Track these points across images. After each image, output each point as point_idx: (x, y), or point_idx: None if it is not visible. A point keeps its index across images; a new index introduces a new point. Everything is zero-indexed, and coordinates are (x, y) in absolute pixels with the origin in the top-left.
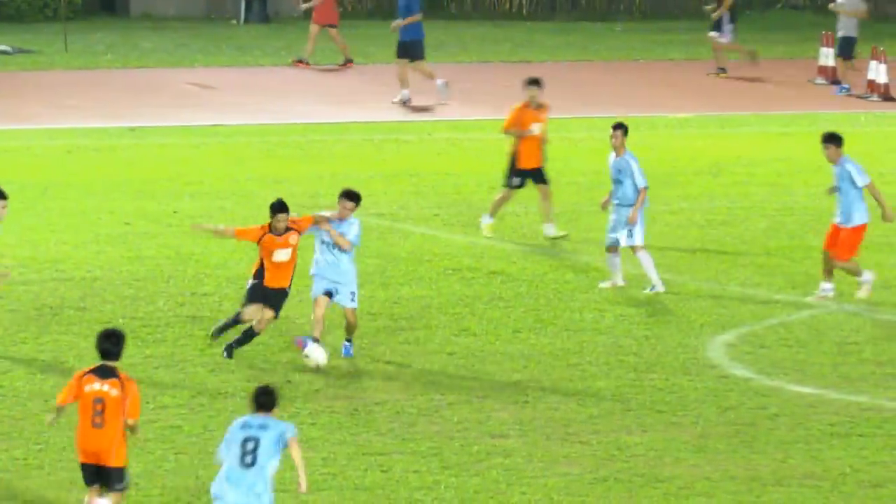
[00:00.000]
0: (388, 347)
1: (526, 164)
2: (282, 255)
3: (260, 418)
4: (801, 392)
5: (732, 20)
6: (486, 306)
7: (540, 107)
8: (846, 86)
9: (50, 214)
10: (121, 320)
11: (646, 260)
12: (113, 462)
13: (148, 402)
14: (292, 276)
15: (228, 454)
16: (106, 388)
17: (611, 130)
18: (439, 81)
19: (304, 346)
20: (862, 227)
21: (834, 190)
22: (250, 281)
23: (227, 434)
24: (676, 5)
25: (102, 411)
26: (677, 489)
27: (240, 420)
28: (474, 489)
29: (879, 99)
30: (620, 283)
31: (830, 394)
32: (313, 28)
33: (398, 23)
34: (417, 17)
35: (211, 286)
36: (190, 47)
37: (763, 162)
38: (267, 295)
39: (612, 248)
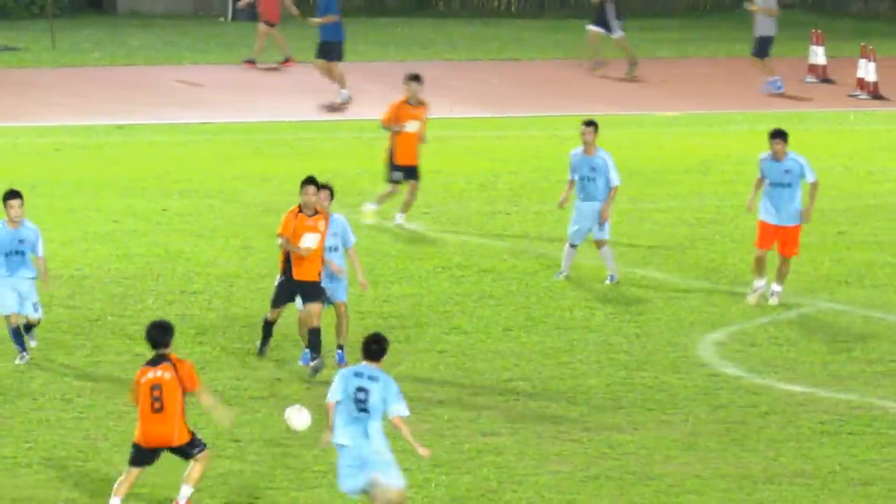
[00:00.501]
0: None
1: (402, 160)
2: (309, 241)
3: (370, 369)
4: (792, 390)
5: (619, 16)
6: (476, 304)
7: (419, 104)
8: (777, 80)
9: (38, 212)
10: (109, 318)
11: (609, 254)
12: (177, 441)
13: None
14: (322, 270)
15: (344, 402)
16: (160, 373)
17: (582, 127)
18: (344, 91)
19: (315, 370)
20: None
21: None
22: (279, 278)
23: (338, 378)
24: (665, 4)
25: (160, 396)
26: (668, 487)
27: (350, 368)
28: (465, 487)
29: (868, 97)
30: (567, 274)
31: (820, 392)
32: (261, 27)
33: (316, 21)
34: (334, 17)
35: (200, 284)
36: (177, 45)
37: (752, 160)
38: (299, 289)
39: (577, 245)
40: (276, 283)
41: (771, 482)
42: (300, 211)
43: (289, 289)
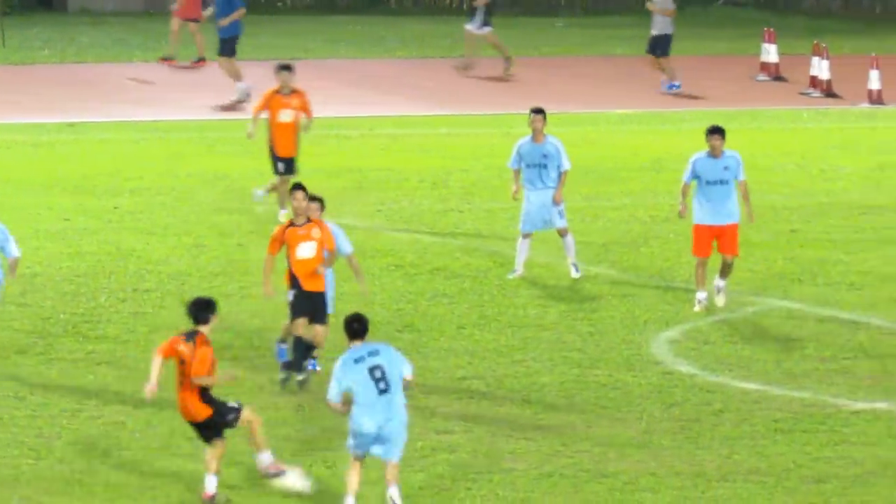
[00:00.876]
0: (330, 343)
1: (282, 152)
2: (305, 251)
3: (365, 346)
4: (746, 388)
5: (488, 15)
6: (429, 302)
7: (293, 93)
8: (677, 83)
9: None
10: (62, 316)
11: (571, 244)
12: (200, 416)
13: (90, 399)
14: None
15: (361, 389)
16: (186, 350)
17: (531, 115)
18: (241, 85)
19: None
20: None
21: (684, 188)
22: (290, 292)
23: (338, 374)
24: (618, 1)
25: (184, 372)
26: (622, 484)
27: (346, 358)
28: (419, 485)
29: (821, 95)
30: (522, 273)
31: (774, 390)
32: (174, 23)
33: (222, 20)
34: (241, 12)
35: (152, 282)
36: (128, 43)
37: None
38: (310, 302)
39: (530, 234)
40: (289, 298)
41: (725, 480)
42: (291, 224)
43: (304, 299)
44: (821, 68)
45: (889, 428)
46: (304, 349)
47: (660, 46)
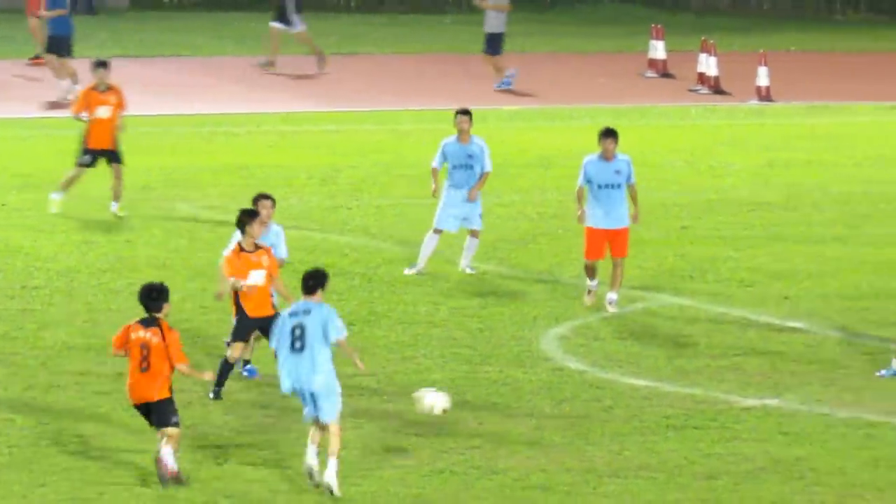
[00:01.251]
0: (220, 341)
1: (95, 144)
2: (256, 278)
3: (305, 304)
4: (636, 385)
5: (299, 10)
6: None
7: (109, 89)
8: (508, 80)
9: None
10: None
11: (475, 246)
12: (157, 397)
13: None
14: (273, 303)
15: (280, 344)
16: (149, 335)
17: (458, 116)
18: (65, 83)
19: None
20: None
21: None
22: (235, 317)
23: (277, 326)
24: None
25: (148, 356)
26: (513, 481)
27: (286, 311)
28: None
29: (709, 92)
30: (423, 269)
31: (665, 386)
32: (31, 21)
33: (45, 14)
34: (63, 11)
35: (41, 279)
36: (15, 40)
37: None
38: (256, 325)
39: (442, 231)
40: (233, 321)
41: (616, 476)
42: (241, 249)
43: (248, 325)
44: (709, 65)
45: (779, 424)
46: (229, 371)
47: (491, 45)
